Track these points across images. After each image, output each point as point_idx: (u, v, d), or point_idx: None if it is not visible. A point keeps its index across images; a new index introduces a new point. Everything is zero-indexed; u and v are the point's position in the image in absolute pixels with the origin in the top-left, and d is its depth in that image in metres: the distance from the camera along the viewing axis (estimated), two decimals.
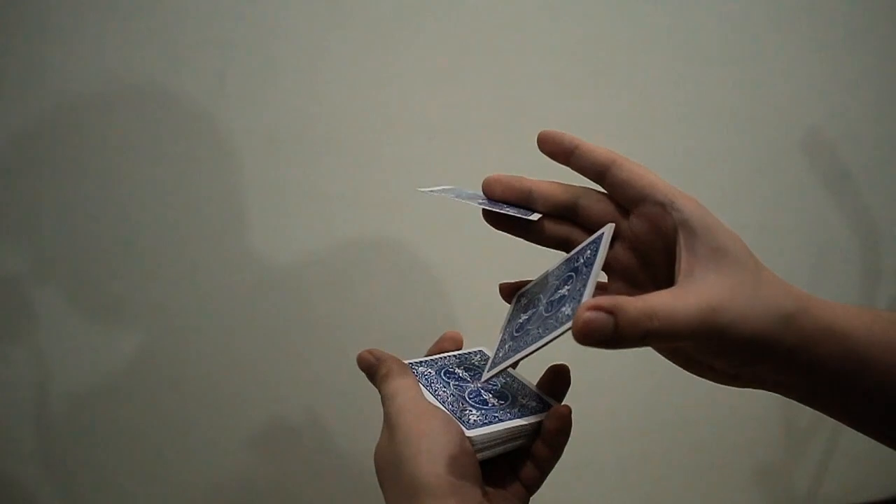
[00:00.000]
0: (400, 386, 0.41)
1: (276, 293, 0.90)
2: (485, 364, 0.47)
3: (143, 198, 0.84)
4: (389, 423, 0.40)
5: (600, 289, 0.41)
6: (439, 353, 0.48)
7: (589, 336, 0.30)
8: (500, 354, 0.41)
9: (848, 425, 0.38)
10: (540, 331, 0.37)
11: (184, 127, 0.84)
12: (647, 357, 0.43)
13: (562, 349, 0.46)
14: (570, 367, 0.45)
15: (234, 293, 0.89)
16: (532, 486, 0.41)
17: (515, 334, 0.41)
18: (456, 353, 0.48)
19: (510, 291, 0.46)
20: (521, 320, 0.41)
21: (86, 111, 0.81)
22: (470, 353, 0.48)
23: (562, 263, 0.42)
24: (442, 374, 0.45)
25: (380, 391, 0.43)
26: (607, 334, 0.30)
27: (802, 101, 1.11)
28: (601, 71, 0.99)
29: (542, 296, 0.41)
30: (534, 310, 0.41)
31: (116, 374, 0.87)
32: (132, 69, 0.81)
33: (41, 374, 0.84)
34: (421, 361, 0.46)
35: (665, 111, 1.03)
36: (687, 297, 0.32)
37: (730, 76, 1.06)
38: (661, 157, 1.02)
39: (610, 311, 0.30)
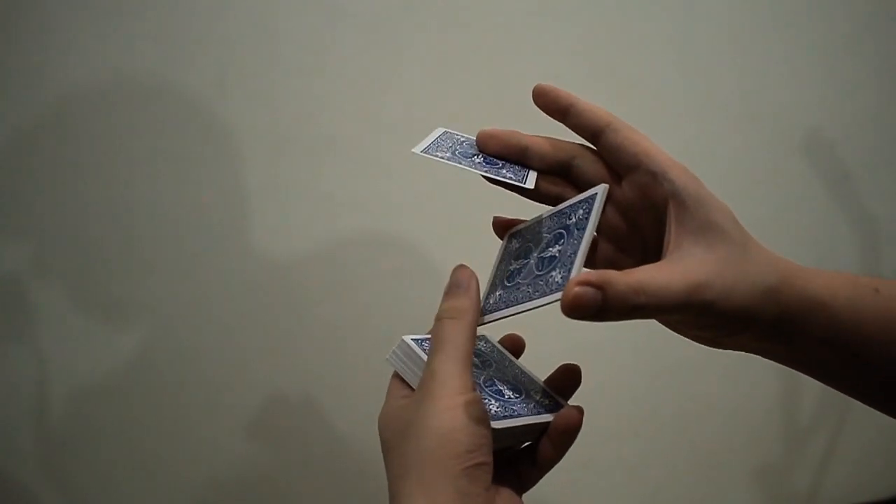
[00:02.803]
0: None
1: (276, 292, 0.90)
2: (490, 351, 0.46)
3: (143, 197, 0.84)
4: (427, 389, 0.36)
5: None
6: None
7: (577, 310, 0.31)
8: (492, 301, 0.40)
9: (834, 388, 0.39)
10: (530, 290, 0.37)
11: (184, 126, 0.84)
12: (647, 357, 0.43)
13: (560, 348, 0.46)
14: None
15: (234, 293, 0.89)
16: (528, 485, 0.40)
17: (507, 283, 0.40)
18: None
19: (503, 227, 0.45)
20: (512, 268, 0.41)
21: (86, 110, 0.81)
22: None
23: (553, 214, 0.41)
24: None
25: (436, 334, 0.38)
26: (595, 309, 0.31)
27: (802, 102, 1.11)
28: (601, 71, 0.99)
29: (533, 246, 0.40)
30: (525, 260, 0.40)
31: (116, 374, 0.87)
32: (133, 69, 0.81)
33: (41, 374, 0.84)
34: (428, 338, 0.42)
35: (665, 111, 1.03)
36: (674, 273, 0.33)
37: (730, 77, 1.06)
38: None
39: (599, 287, 0.31)
